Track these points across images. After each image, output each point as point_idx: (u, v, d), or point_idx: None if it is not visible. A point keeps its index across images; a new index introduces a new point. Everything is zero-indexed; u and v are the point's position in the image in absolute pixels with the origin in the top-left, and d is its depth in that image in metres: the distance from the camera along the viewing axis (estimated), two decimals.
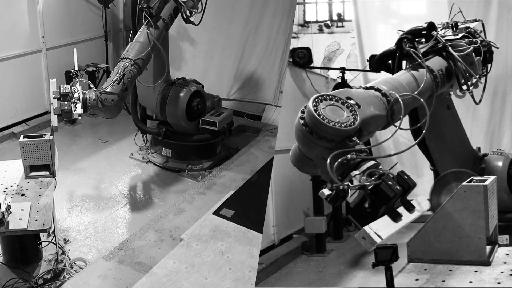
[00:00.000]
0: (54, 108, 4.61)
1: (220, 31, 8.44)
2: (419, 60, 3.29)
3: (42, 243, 4.82)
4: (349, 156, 2.49)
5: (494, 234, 3.09)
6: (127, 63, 5.28)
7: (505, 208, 3.86)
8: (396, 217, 2.50)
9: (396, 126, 2.84)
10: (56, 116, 4.62)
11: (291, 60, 6.93)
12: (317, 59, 7.20)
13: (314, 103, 2.53)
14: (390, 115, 2.85)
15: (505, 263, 2.85)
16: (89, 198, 6.22)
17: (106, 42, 9.04)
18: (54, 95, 4.67)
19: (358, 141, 2.55)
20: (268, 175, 5.93)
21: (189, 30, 8.55)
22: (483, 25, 3.94)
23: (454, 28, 3.71)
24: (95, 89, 5.00)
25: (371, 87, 2.94)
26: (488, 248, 2.91)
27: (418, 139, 2.85)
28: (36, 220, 4.12)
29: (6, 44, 7.42)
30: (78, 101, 4.71)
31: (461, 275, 2.76)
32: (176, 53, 8.62)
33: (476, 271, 2.77)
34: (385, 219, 2.49)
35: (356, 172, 2.50)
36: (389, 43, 3.82)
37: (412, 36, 3.54)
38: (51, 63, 8.10)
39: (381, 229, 2.41)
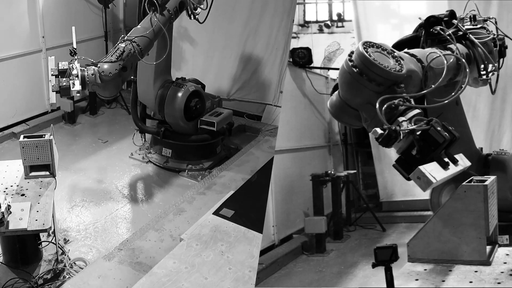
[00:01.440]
0: (53, 85, 4.57)
1: (220, 31, 8.44)
2: (448, 37, 3.30)
3: (42, 243, 4.82)
4: (396, 101, 2.49)
5: (494, 234, 3.08)
6: (128, 43, 5.21)
7: (508, 208, 3.86)
8: (444, 165, 2.49)
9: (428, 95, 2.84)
10: (55, 93, 4.60)
11: (291, 60, 6.94)
12: (317, 59, 7.21)
13: (364, 46, 2.56)
14: (424, 81, 2.86)
15: (505, 263, 2.85)
16: (89, 198, 6.22)
17: (106, 42, 9.04)
18: (52, 72, 4.63)
19: (404, 90, 2.55)
20: (268, 175, 5.94)
21: (189, 30, 8.55)
22: (496, 23, 3.98)
23: (473, 20, 3.76)
24: (94, 63, 4.93)
25: (406, 52, 2.95)
26: (488, 248, 2.91)
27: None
28: (36, 220, 4.12)
29: (6, 44, 7.42)
30: (76, 78, 4.66)
31: (461, 275, 2.76)
32: (176, 53, 8.61)
33: (476, 271, 2.77)
34: (434, 165, 2.47)
35: (403, 118, 2.49)
36: (389, 43, 3.81)
37: (431, 26, 3.56)
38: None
39: (435, 171, 2.40)
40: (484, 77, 3.70)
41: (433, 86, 2.88)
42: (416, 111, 2.53)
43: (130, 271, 4.59)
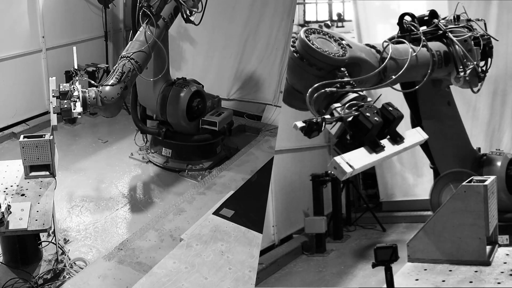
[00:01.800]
0: (54, 106, 4.57)
1: (220, 31, 8.44)
2: (418, 32, 3.38)
3: (42, 243, 4.82)
4: (328, 89, 2.50)
5: (494, 234, 3.09)
6: (126, 62, 5.25)
7: (504, 208, 3.87)
8: (376, 148, 2.48)
9: (390, 85, 2.91)
10: (56, 115, 4.60)
11: None
12: None
13: (306, 33, 2.60)
14: (382, 71, 2.89)
15: (505, 263, 2.85)
16: (89, 198, 6.22)
17: (106, 42, 9.04)
18: (53, 94, 4.64)
19: (346, 74, 2.58)
20: (268, 175, 5.93)
21: (189, 30, 8.55)
22: (485, 24, 3.99)
23: (456, 20, 3.78)
24: (96, 85, 4.95)
25: (367, 44, 3.03)
26: (488, 248, 2.91)
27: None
28: (36, 220, 4.12)
29: (6, 44, 7.42)
30: (77, 100, 4.67)
31: (461, 275, 2.76)
32: (176, 53, 8.61)
33: (476, 271, 2.77)
34: (361, 151, 2.47)
35: (337, 104, 2.51)
36: None
37: (413, 15, 3.62)
38: (51, 63, 8.10)
39: (356, 159, 2.38)
40: (457, 81, 3.70)
41: (393, 77, 2.93)
42: (353, 95, 2.52)
43: (130, 271, 4.59)
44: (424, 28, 3.75)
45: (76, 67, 5.00)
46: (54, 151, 4.72)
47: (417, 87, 3.35)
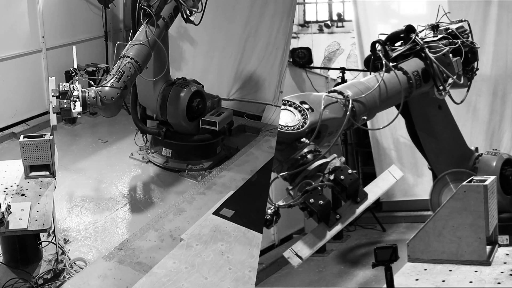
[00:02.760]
0: (53, 106, 4.57)
1: (220, 31, 8.44)
2: (386, 64, 3.40)
3: (42, 243, 4.82)
4: (282, 175, 2.81)
5: (494, 234, 3.08)
6: (126, 61, 5.23)
7: (499, 208, 3.87)
8: (329, 223, 2.72)
9: (362, 126, 3.08)
10: (55, 114, 4.59)
11: (291, 60, 6.94)
12: (317, 59, 7.21)
13: None
14: (352, 116, 3.01)
15: (505, 263, 2.85)
16: (89, 198, 6.22)
17: (106, 42, 9.04)
18: (53, 93, 4.63)
19: (307, 141, 2.75)
20: (268, 175, 5.93)
21: (189, 30, 8.55)
22: (469, 25, 3.97)
23: (435, 30, 3.77)
24: (95, 86, 4.95)
25: (334, 91, 3.10)
26: (488, 248, 2.91)
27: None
28: (36, 220, 4.12)
29: (6, 44, 7.42)
30: (77, 99, 4.66)
31: (461, 275, 2.76)
32: (176, 53, 8.62)
33: (476, 271, 2.77)
34: (313, 233, 2.74)
35: (290, 187, 2.79)
36: None
37: (392, 42, 3.63)
38: (51, 63, 8.10)
39: (306, 246, 2.66)
40: (438, 94, 3.71)
41: (365, 118, 3.10)
42: (315, 164, 2.73)
43: (130, 271, 4.59)
44: (398, 44, 3.72)
45: (76, 67, 4.99)
46: (54, 151, 4.71)
47: (399, 110, 3.44)
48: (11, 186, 4.58)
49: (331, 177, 2.71)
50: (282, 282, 5.14)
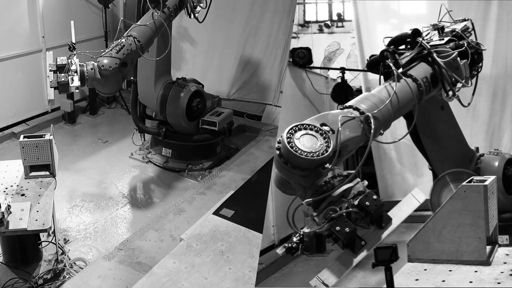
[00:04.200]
0: (51, 81, 4.47)
1: (220, 31, 8.44)
2: (398, 76, 3.35)
3: (42, 243, 4.82)
4: (305, 202, 2.77)
5: (494, 234, 3.08)
6: (129, 39, 5.12)
7: (501, 208, 3.86)
8: (355, 250, 2.71)
9: (374, 140, 2.98)
10: (53, 89, 4.53)
11: (291, 60, 6.93)
12: (317, 59, 7.19)
13: (288, 134, 2.68)
14: (368, 132, 2.96)
15: (505, 263, 2.85)
16: (89, 198, 6.22)
17: (106, 42, 9.03)
18: (50, 68, 4.53)
19: (331, 167, 2.70)
20: (268, 175, 5.93)
21: (189, 30, 8.55)
22: (472, 24, 3.95)
23: (440, 32, 3.73)
24: (93, 58, 4.83)
25: (350, 106, 3.04)
26: (488, 248, 2.90)
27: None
28: (36, 220, 4.12)
29: (6, 44, 7.43)
30: (75, 74, 4.56)
31: (461, 275, 2.76)
32: (176, 53, 8.61)
33: (476, 271, 2.77)
34: (338, 260, 2.77)
35: (315, 213, 2.75)
36: None
37: (397, 45, 3.59)
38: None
39: (331, 276, 2.69)
40: (451, 93, 3.67)
41: (382, 132, 3.04)
42: (341, 189, 2.71)
43: (130, 271, 4.60)
44: (405, 50, 3.69)
45: (74, 41, 4.88)
46: (54, 151, 4.71)
47: (413, 124, 3.44)
48: (11, 186, 4.58)
49: (355, 202, 2.69)
50: (282, 282, 5.14)
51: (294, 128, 2.71)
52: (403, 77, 3.36)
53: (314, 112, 7.13)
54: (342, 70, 6.74)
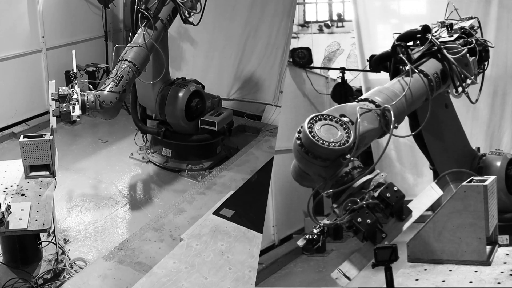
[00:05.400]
0: (53, 109, 4.65)
1: (220, 31, 8.45)
2: (412, 70, 3.35)
3: (42, 243, 4.82)
4: (325, 193, 2.77)
5: (494, 234, 3.08)
6: (125, 65, 5.30)
7: (503, 208, 3.86)
8: (376, 242, 2.67)
9: (390, 134, 2.96)
10: (55, 117, 4.65)
11: (291, 60, 6.93)
12: (317, 59, 7.19)
13: (309, 124, 2.67)
14: (384, 125, 2.97)
15: (505, 263, 2.85)
16: (89, 198, 6.22)
17: (106, 42, 9.04)
18: (52, 97, 4.71)
19: (351, 158, 2.70)
20: (268, 175, 5.93)
21: (189, 30, 8.55)
22: (479, 22, 3.95)
23: (449, 29, 3.73)
24: (94, 90, 5.02)
25: (365, 99, 3.04)
26: (488, 248, 2.90)
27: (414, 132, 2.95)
28: (36, 220, 4.12)
29: (6, 44, 7.43)
30: (76, 103, 4.75)
31: (461, 275, 2.76)
32: (176, 53, 8.62)
33: (476, 271, 2.77)
34: (359, 252, 2.74)
35: (335, 205, 2.76)
36: (389, 43, 3.82)
37: (407, 40, 3.59)
38: (51, 63, 8.10)
39: (352, 268, 2.67)
40: (460, 89, 3.68)
41: (397, 125, 3.03)
42: (361, 180, 2.70)
43: (130, 271, 4.60)
44: (416, 44, 3.70)
45: (75, 70, 5.04)
46: (54, 151, 4.72)
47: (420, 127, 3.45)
48: (11, 186, 4.58)
49: (376, 194, 2.67)
50: (282, 282, 5.14)
51: (314, 118, 2.71)
52: (419, 69, 3.36)
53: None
54: (342, 70, 6.74)
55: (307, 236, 2.71)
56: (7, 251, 4.64)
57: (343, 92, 6.53)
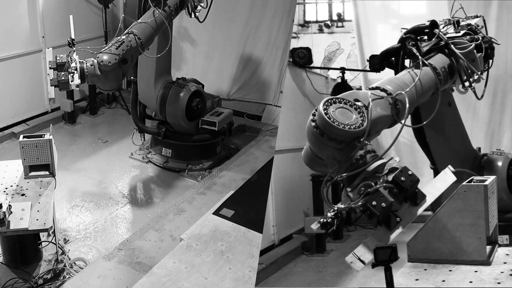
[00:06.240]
0: (51, 79, 4.48)
1: (220, 31, 8.44)
2: (421, 60, 3.34)
3: (42, 243, 4.82)
4: (339, 177, 2.71)
5: (494, 234, 3.08)
6: (128, 35, 5.13)
7: (505, 208, 3.86)
8: (391, 226, 2.64)
9: (402, 123, 2.93)
10: (53, 87, 4.54)
11: (291, 60, 6.93)
12: (317, 59, 7.19)
13: (325, 106, 2.66)
14: (395, 113, 2.95)
15: (505, 263, 2.85)
16: (89, 198, 6.22)
17: (106, 42, 9.03)
18: (50, 65, 4.53)
19: (366, 142, 2.68)
20: (268, 175, 5.93)
21: (189, 30, 8.55)
22: (484, 21, 3.96)
23: (456, 26, 3.75)
24: (93, 54, 4.82)
25: (377, 87, 3.03)
26: (488, 248, 2.90)
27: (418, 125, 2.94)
28: (37, 219, 4.13)
29: (6, 44, 7.42)
30: (75, 71, 4.57)
31: (461, 275, 2.76)
32: (176, 53, 8.61)
33: (476, 271, 2.77)
34: (374, 236, 2.67)
35: (348, 189, 2.70)
36: (389, 43, 3.82)
37: (415, 35, 3.59)
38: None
39: (367, 252, 2.60)
40: (463, 89, 3.69)
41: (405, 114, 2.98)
42: (375, 164, 2.67)
43: (130, 271, 4.59)
44: (423, 40, 3.70)
45: (73, 36, 4.87)
46: (53, 151, 4.72)
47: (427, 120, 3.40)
48: (11, 186, 4.58)
49: (389, 178, 2.65)
50: (282, 282, 5.14)
51: (329, 101, 2.70)
52: (427, 62, 3.37)
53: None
54: (342, 70, 6.74)
55: (321, 220, 2.66)
56: (7, 251, 4.63)
57: (343, 92, 6.52)
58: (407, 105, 2.93)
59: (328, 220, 2.64)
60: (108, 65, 4.82)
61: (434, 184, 2.90)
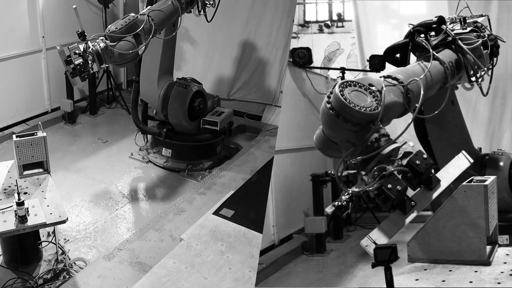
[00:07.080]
0: (70, 72, 4.50)
1: (220, 31, 8.44)
2: (431, 51, 3.36)
3: (42, 243, 4.82)
4: (353, 160, 2.69)
5: (494, 234, 3.08)
6: (145, 17, 5.03)
7: (506, 208, 3.86)
8: (406, 209, 2.64)
9: (413, 113, 2.94)
10: (75, 78, 4.52)
11: (291, 60, 6.93)
12: (317, 59, 7.19)
13: (340, 88, 2.65)
14: (406, 103, 2.95)
15: (505, 263, 2.85)
16: (89, 198, 6.22)
17: None
18: (66, 61, 4.52)
19: (380, 125, 2.69)
20: (268, 175, 5.93)
21: (189, 30, 8.55)
22: (489, 20, 3.98)
23: (463, 23, 3.77)
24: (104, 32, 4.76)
25: (388, 76, 3.02)
26: (488, 248, 2.90)
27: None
28: (51, 213, 4.17)
29: (6, 44, 7.42)
30: (92, 55, 4.55)
31: (461, 275, 2.76)
32: (177, 53, 8.58)
33: (476, 271, 2.77)
34: (389, 220, 2.67)
35: (363, 172, 2.69)
36: (389, 43, 3.83)
37: (424, 28, 3.60)
38: (51, 63, 8.10)
39: (381, 236, 2.61)
40: (469, 85, 3.71)
41: (417, 105, 2.99)
42: (389, 148, 2.66)
43: (130, 271, 4.60)
44: (432, 34, 3.72)
45: (82, 28, 4.73)
46: (47, 148, 4.73)
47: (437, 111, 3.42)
48: (9, 186, 4.60)
49: (404, 162, 2.64)
50: (282, 282, 5.13)
51: (344, 83, 2.70)
52: (436, 54, 3.37)
53: (314, 112, 7.14)
54: (342, 70, 6.73)
55: (335, 203, 2.68)
56: (7, 251, 4.64)
57: None
58: (422, 92, 2.93)
59: (343, 203, 2.66)
60: (129, 53, 4.74)
61: (448, 169, 2.88)
